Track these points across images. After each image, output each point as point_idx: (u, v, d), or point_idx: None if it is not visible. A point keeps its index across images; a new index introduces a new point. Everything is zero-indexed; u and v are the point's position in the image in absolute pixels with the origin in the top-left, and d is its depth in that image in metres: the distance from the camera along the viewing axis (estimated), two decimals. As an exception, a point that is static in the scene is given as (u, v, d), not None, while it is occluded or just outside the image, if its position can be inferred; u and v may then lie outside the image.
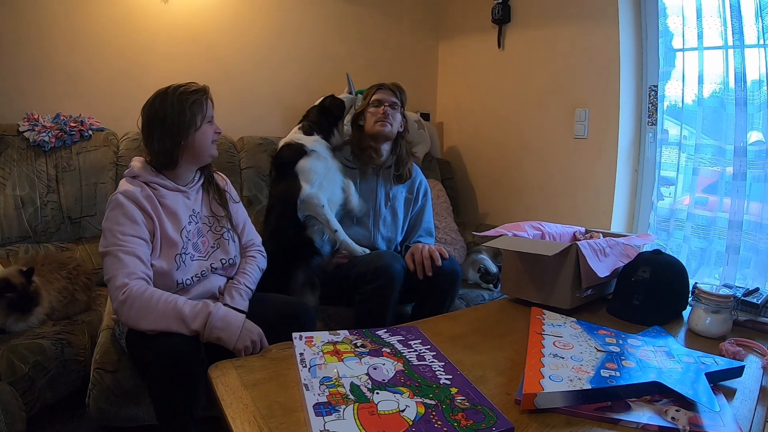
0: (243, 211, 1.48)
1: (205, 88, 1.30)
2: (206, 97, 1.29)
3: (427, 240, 1.84)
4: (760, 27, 1.77)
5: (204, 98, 1.28)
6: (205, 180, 1.38)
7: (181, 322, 1.09)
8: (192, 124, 1.25)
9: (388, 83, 1.80)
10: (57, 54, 2.05)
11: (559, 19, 2.35)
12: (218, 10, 2.36)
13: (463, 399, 0.79)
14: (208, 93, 1.30)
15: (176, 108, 1.23)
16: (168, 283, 1.20)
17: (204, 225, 1.34)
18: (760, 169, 1.86)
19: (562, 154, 2.40)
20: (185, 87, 1.27)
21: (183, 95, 1.25)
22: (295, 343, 0.98)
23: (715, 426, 0.77)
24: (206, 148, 1.30)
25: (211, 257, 1.32)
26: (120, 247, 1.14)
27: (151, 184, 1.25)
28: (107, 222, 1.19)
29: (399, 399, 0.78)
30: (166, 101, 1.24)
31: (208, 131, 1.29)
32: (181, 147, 1.25)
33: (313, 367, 0.88)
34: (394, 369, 0.88)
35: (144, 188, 1.23)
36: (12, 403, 1.20)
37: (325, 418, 0.72)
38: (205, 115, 1.28)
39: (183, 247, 1.25)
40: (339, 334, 1.03)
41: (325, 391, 0.80)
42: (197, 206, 1.33)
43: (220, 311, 1.12)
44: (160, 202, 1.24)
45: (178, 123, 1.23)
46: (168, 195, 1.26)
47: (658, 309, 1.28)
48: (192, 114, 1.25)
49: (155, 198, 1.24)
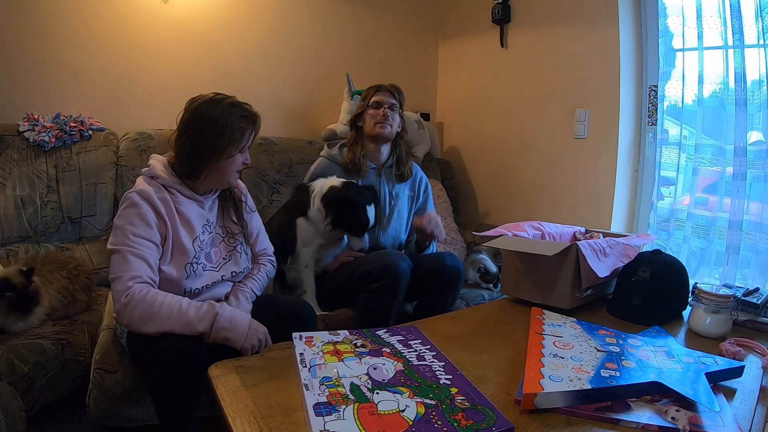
0: (258, 220, 1.46)
1: (254, 117, 1.24)
2: (252, 128, 1.24)
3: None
4: (760, 27, 1.77)
5: (250, 129, 1.23)
6: (223, 191, 1.34)
7: (185, 326, 1.08)
8: (225, 150, 1.20)
9: (386, 84, 1.81)
10: (57, 54, 2.05)
11: (559, 19, 2.35)
12: (218, 10, 2.36)
13: (463, 399, 0.79)
14: (256, 123, 1.25)
15: (219, 125, 1.18)
16: (176, 291, 1.18)
17: (217, 235, 1.31)
18: (760, 169, 1.86)
19: (562, 154, 2.40)
20: (239, 107, 1.22)
21: (232, 115, 1.19)
22: (295, 343, 0.98)
23: (715, 426, 0.77)
24: (229, 176, 1.26)
25: (223, 269, 1.30)
26: (129, 248, 1.12)
27: (169, 188, 1.22)
28: (120, 219, 1.16)
29: (399, 399, 0.78)
30: (214, 112, 1.18)
31: (237, 161, 1.25)
32: (206, 165, 1.21)
33: (313, 367, 0.88)
34: (394, 369, 0.88)
35: (161, 190, 1.20)
36: (12, 403, 1.20)
37: (325, 418, 0.72)
38: (242, 146, 1.23)
39: (195, 256, 1.22)
40: (339, 334, 1.03)
41: (325, 391, 0.79)
42: (212, 216, 1.31)
43: (226, 312, 1.12)
44: (176, 208, 1.21)
45: (212, 142, 1.19)
46: (184, 202, 1.23)
47: (658, 309, 1.28)
48: (231, 139, 1.20)
49: (171, 203, 1.20)
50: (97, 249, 1.93)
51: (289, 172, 2.30)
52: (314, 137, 2.53)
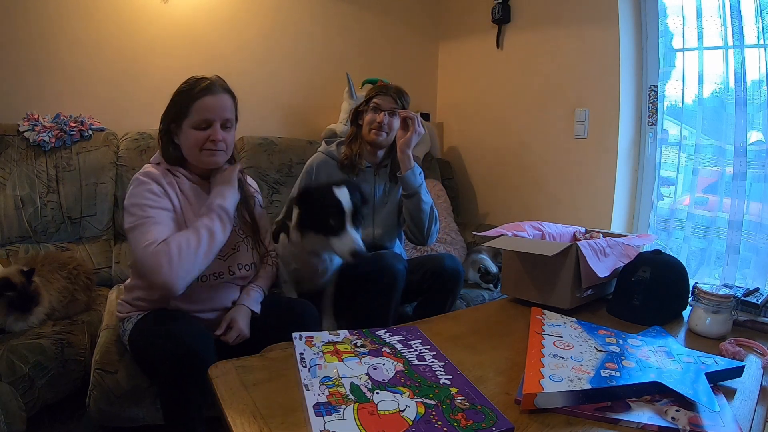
0: (266, 219, 1.46)
1: (195, 83, 1.20)
2: (196, 94, 1.18)
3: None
4: (760, 27, 1.77)
5: (194, 95, 1.18)
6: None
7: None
8: (176, 121, 1.21)
9: (391, 87, 1.75)
10: (57, 54, 2.05)
11: (559, 19, 2.35)
12: (218, 10, 2.36)
13: (463, 399, 0.79)
14: (196, 88, 1.19)
15: (171, 99, 1.22)
16: None
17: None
18: (760, 169, 1.86)
19: (562, 154, 2.40)
20: (197, 78, 1.22)
21: (182, 86, 1.22)
22: (296, 343, 0.98)
23: (715, 426, 0.77)
24: (191, 151, 1.23)
25: (230, 259, 1.29)
26: (148, 219, 1.12)
27: (173, 171, 1.24)
28: (131, 199, 1.16)
29: (399, 399, 0.78)
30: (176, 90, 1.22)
31: (190, 135, 1.20)
32: (170, 141, 1.23)
33: (313, 368, 0.88)
34: (394, 369, 0.88)
35: (167, 174, 1.22)
36: (12, 403, 1.20)
37: (325, 418, 0.72)
38: (189, 116, 1.19)
39: None
40: (339, 334, 1.03)
41: (325, 391, 0.79)
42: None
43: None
44: (181, 189, 1.23)
45: (166, 114, 1.22)
46: (188, 185, 1.25)
47: (658, 309, 1.28)
48: (179, 110, 1.20)
49: (176, 185, 1.23)
50: (97, 249, 1.93)
51: (289, 172, 2.30)
52: (314, 137, 2.53)
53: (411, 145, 1.67)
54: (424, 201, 1.66)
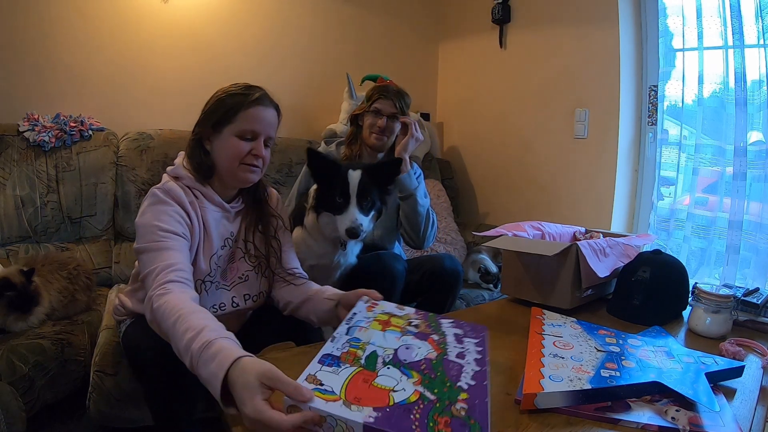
0: (288, 236, 1.31)
1: (250, 91, 1.12)
2: (249, 102, 1.10)
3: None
4: (760, 27, 1.77)
5: (246, 102, 1.10)
6: (251, 200, 1.23)
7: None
8: (215, 126, 1.10)
9: (392, 90, 1.73)
10: (57, 54, 2.05)
11: (559, 19, 2.35)
12: (218, 9, 2.36)
13: (463, 407, 0.70)
14: (250, 96, 1.11)
15: (211, 102, 1.12)
16: None
17: (238, 250, 1.20)
18: (760, 169, 1.86)
19: (562, 154, 2.40)
20: (236, 85, 1.13)
21: (226, 93, 1.12)
22: (358, 304, 0.95)
23: (715, 426, 0.77)
24: (229, 163, 1.11)
25: (234, 289, 1.18)
26: (159, 242, 1.00)
27: (194, 190, 1.12)
28: (145, 217, 1.04)
29: (402, 380, 0.73)
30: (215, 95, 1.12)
31: (231, 144, 1.10)
32: (204, 150, 1.12)
33: (353, 327, 0.85)
34: (425, 355, 0.81)
35: (188, 192, 1.10)
36: (12, 403, 1.20)
37: (324, 367, 0.71)
38: (235, 124, 1.10)
39: (210, 274, 1.13)
40: (404, 309, 0.96)
41: (345, 347, 0.77)
42: (235, 228, 1.19)
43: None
44: (202, 215, 1.11)
45: (204, 119, 1.12)
46: (209, 209, 1.13)
47: (658, 309, 1.28)
48: (224, 114, 1.09)
49: (198, 208, 1.11)
50: (97, 249, 1.93)
51: (289, 172, 2.30)
52: (314, 137, 2.52)
53: (408, 149, 1.67)
54: (420, 204, 1.66)
